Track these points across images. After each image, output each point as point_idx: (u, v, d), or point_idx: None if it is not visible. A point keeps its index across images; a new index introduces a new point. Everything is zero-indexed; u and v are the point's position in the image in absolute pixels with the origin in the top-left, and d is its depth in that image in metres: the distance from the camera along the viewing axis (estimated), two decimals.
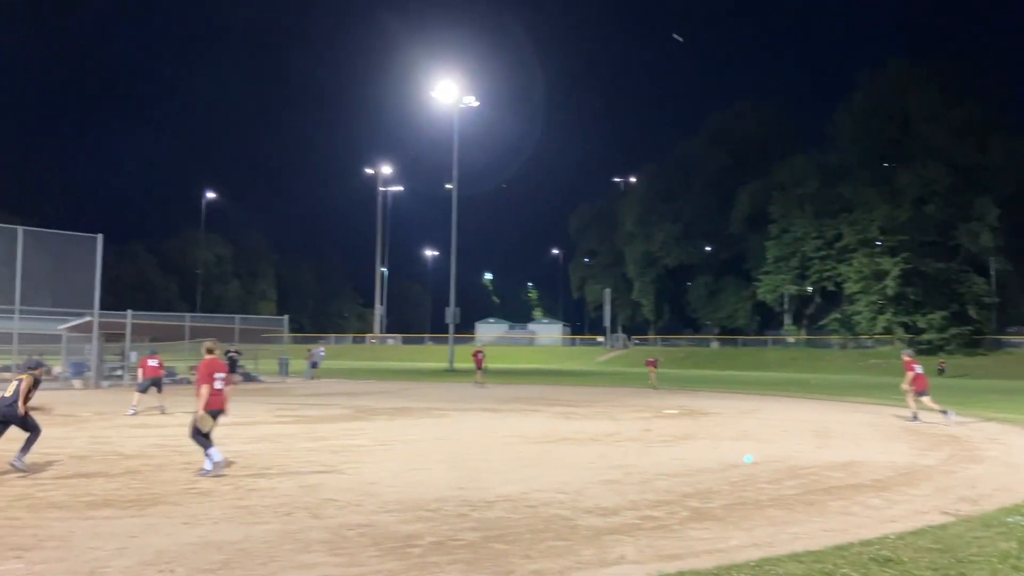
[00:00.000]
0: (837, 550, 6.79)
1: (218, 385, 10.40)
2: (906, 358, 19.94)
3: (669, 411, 22.05)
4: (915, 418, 19.29)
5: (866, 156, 69.65)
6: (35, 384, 10.62)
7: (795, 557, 6.55)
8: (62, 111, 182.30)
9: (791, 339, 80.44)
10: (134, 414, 18.89)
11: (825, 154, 74.91)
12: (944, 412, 18.71)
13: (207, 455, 10.24)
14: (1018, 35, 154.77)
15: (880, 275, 65.02)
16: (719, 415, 21.09)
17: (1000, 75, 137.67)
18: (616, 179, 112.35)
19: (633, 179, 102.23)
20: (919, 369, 19.53)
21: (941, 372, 52.60)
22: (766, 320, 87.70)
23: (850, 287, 68.77)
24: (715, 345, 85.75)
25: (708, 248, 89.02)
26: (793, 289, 77.27)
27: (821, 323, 76.52)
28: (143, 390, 19.83)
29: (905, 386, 19.80)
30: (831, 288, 74.86)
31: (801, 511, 8.60)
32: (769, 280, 78.13)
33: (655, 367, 35.63)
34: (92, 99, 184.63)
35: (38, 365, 11.01)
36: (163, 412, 19.13)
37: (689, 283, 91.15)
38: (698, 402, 25.71)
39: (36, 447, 10.64)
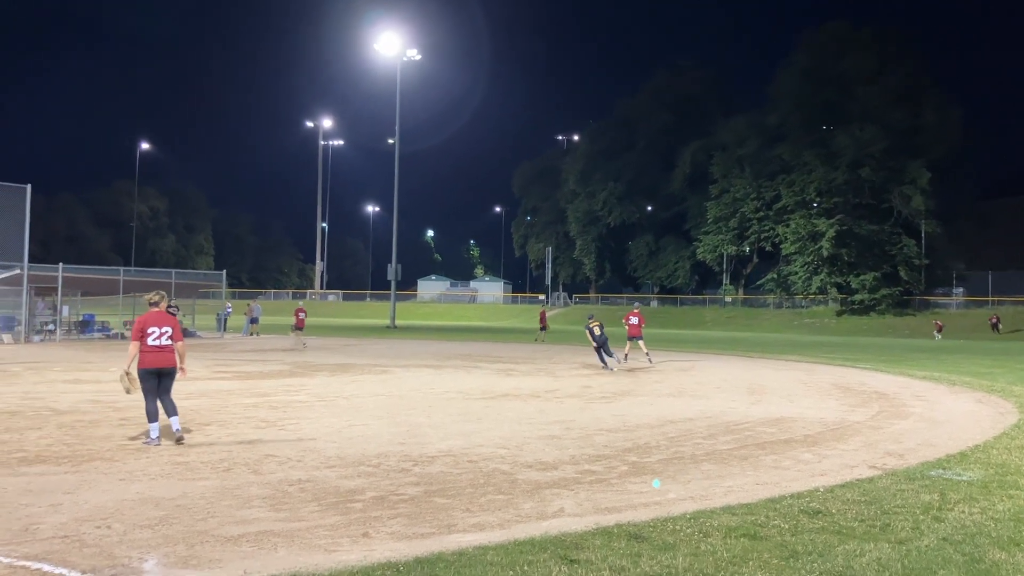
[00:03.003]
0: (769, 502, 7.00)
1: (153, 342, 9.32)
2: (635, 308, 25.91)
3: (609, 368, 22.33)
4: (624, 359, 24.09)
5: (805, 118, 70.49)
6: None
7: (729, 509, 6.72)
8: None
9: (728, 298, 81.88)
10: None
11: (766, 115, 75.68)
12: (625, 356, 24.45)
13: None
14: (951, 3, 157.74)
15: (816, 236, 66.32)
16: (657, 372, 21.45)
17: (934, 40, 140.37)
18: (559, 137, 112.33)
19: (576, 137, 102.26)
20: (633, 320, 24.80)
21: (995, 326, 54.88)
22: (705, 279, 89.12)
23: (787, 248, 70.02)
24: (655, 304, 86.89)
25: (649, 207, 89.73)
26: (732, 249, 78.48)
27: (758, 283, 78.03)
28: None
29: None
30: (768, 248, 76.27)
31: (735, 465, 8.83)
32: (709, 240, 79.19)
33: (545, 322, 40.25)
34: (18, 42, 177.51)
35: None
36: None
37: (630, 242, 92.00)
38: (637, 360, 26.07)
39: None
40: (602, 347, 21.62)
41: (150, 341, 9.30)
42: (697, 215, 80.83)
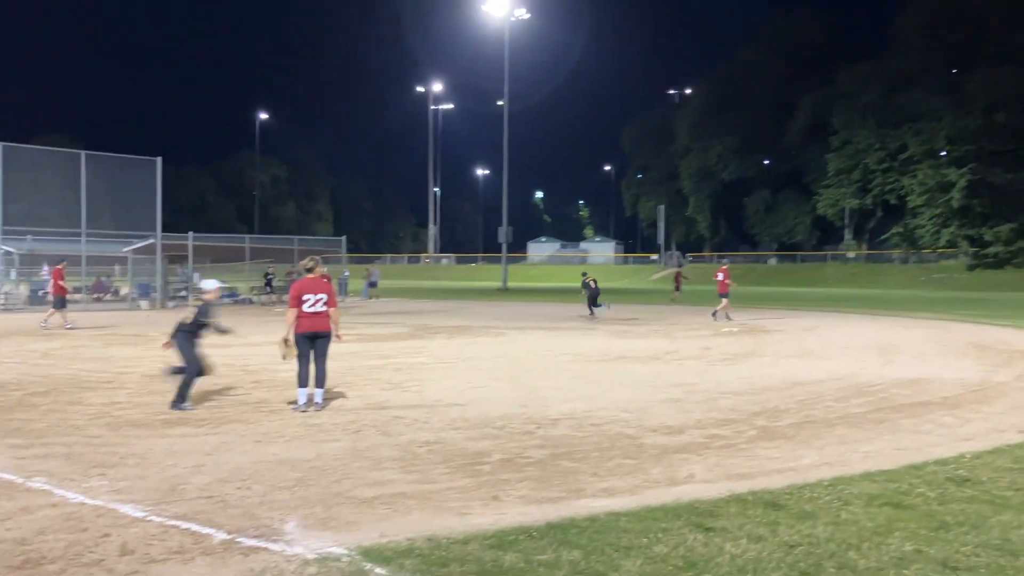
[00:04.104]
0: (911, 469, 6.68)
1: (309, 308, 9.48)
2: (723, 265, 26.09)
3: (728, 329, 21.88)
4: (726, 317, 24.00)
5: (933, 62, 66.76)
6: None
7: (868, 476, 6.46)
8: (116, 36, 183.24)
9: (851, 254, 78.89)
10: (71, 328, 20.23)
11: (889, 61, 71.91)
12: (713, 314, 24.36)
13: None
14: None
15: (945, 187, 63.03)
16: (779, 332, 20.87)
17: None
18: (671, 91, 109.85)
19: (688, 91, 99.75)
20: (719, 277, 24.63)
21: None
22: (826, 235, 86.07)
23: (913, 200, 66.87)
24: (773, 261, 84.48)
25: (766, 161, 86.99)
26: (854, 203, 75.47)
27: (882, 238, 74.82)
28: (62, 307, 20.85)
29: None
30: (893, 201, 72.90)
31: (871, 429, 8.48)
32: (829, 194, 76.42)
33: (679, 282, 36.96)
34: (145, 22, 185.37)
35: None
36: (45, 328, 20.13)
37: (746, 198, 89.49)
38: (757, 319, 25.45)
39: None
40: (591, 301, 24.96)
41: (306, 308, 9.48)
42: (816, 168, 77.90)
